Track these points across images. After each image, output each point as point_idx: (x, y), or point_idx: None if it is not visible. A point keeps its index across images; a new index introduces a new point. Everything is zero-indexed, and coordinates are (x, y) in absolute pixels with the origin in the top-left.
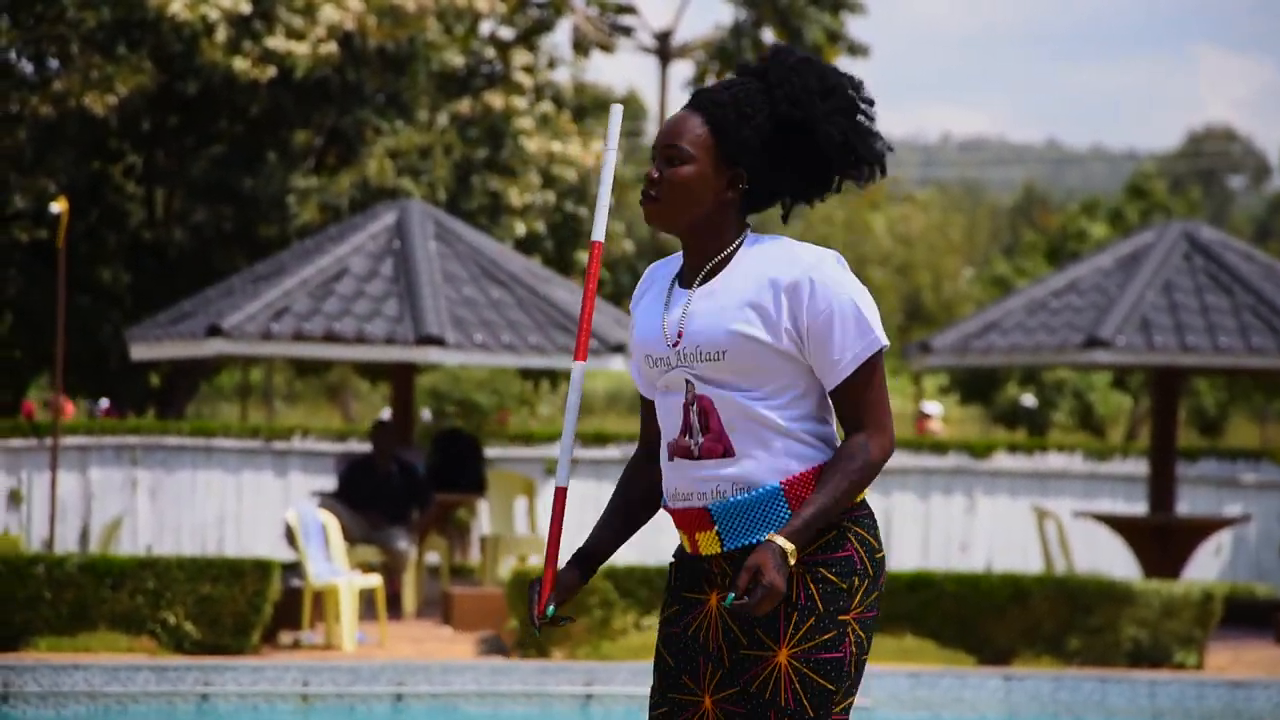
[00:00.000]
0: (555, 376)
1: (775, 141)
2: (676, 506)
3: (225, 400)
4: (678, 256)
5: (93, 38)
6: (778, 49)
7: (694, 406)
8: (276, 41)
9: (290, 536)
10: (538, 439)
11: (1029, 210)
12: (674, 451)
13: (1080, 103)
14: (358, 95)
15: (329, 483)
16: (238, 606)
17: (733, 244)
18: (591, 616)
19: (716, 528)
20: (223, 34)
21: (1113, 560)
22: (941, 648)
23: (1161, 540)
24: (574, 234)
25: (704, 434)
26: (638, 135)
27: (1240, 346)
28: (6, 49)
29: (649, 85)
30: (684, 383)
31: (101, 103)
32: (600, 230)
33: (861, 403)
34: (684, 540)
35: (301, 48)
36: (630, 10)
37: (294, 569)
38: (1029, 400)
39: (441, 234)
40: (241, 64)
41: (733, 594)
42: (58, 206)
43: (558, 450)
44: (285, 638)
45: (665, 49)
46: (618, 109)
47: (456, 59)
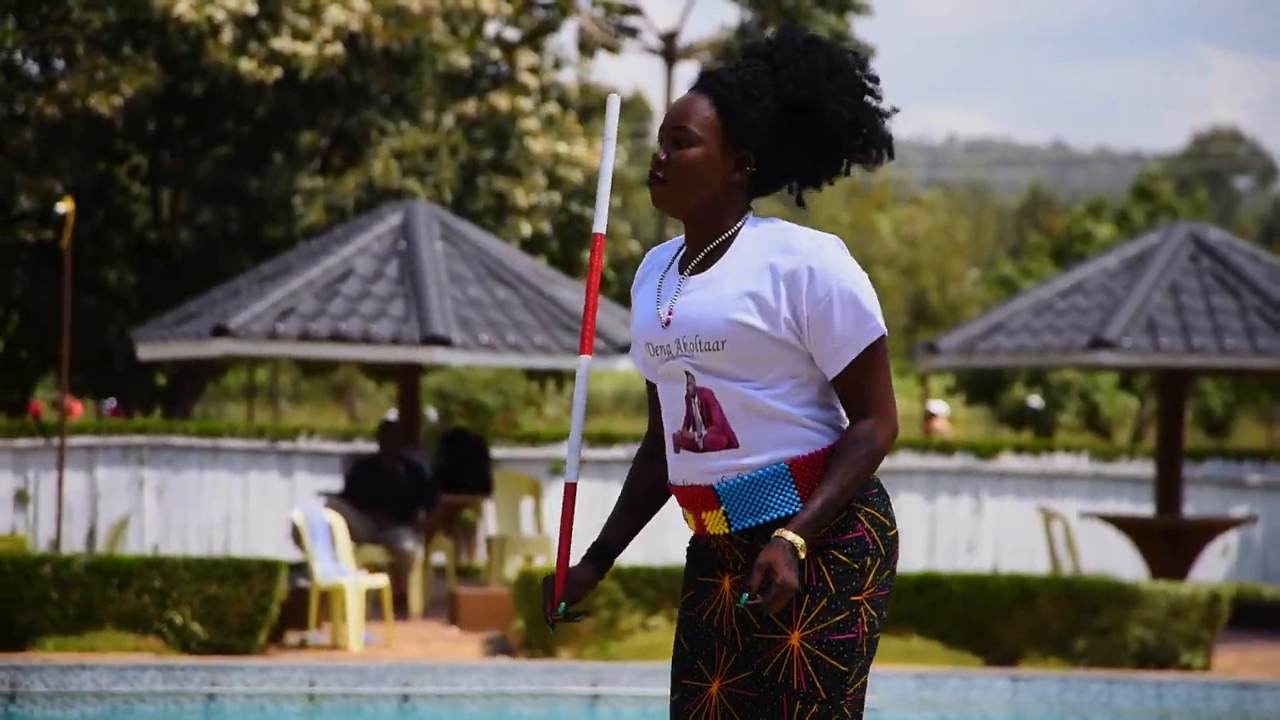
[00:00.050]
0: (561, 377)
1: (783, 123)
2: (682, 487)
3: (231, 400)
4: (678, 241)
5: (98, 39)
6: (784, 30)
7: (695, 399)
8: (282, 42)
9: (296, 537)
10: (544, 439)
11: (1035, 211)
12: (678, 443)
13: (1086, 104)
14: (363, 96)
15: (335, 483)
16: (244, 606)
17: (733, 227)
18: (598, 617)
19: (723, 507)
20: (228, 35)
21: (1119, 561)
22: (948, 649)
23: (1168, 541)
24: (580, 234)
25: (707, 426)
26: (643, 136)
27: (1246, 347)
28: (12, 50)
29: (655, 86)
30: (684, 374)
31: (107, 104)
32: (601, 222)
33: (864, 390)
34: (689, 520)
35: (307, 49)
36: (636, 11)
37: (300, 569)
38: (1035, 401)
39: (447, 234)
40: (247, 65)
41: (746, 594)
42: (63, 207)
43: (564, 451)
44: (292, 638)
45: (671, 50)
46: (615, 99)
47: (462, 60)
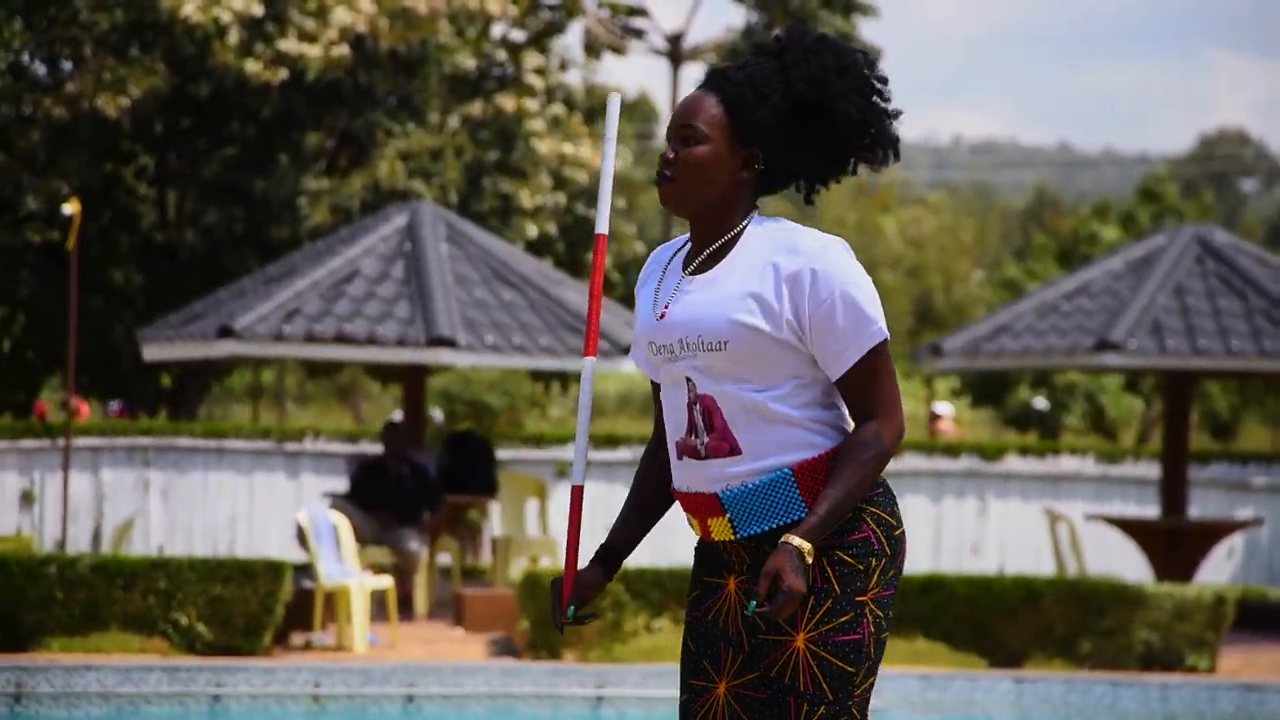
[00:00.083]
0: (566, 378)
1: (791, 121)
2: (687, 493)
3: (237, 401)
4: (682, 239)
5: (105, 40)
6: (794, 29)
7: (696, 406)
8: (288, 44)
9: (302, 537)
10: (549, 440)
11: (1040, 213)
12: (681, 451)
13: (1092, 105)
14: (369, 97)
15: (340, 484)
16: (249, 607)
17: (739, 226)
18: (603, 619)
19: (728, 514)
20: (235, 36)
21: (1125, 563)
22: (953, 650)
23: (1173, 543)
24: (585, 236)
25: (709, 433)
26: (649, 138)
27: (1252, 350)
28: (20, 51)
29: (660, 88)
30: (685, 380)
31: (114, 105)
32: (603, 223)
33: (868, 392)
34: (695, 526)
35: (313, 50)
36: (642, 13)
37: (305, 570)
38: (1040, 403)
39: (453, 236)
40: (253, 66)
41: (754, 602)
42: (70, 208)
43: (570, 452)
44: (297, 639)
45: (677, 51)
46: (615, 98)
47: (468, 61)
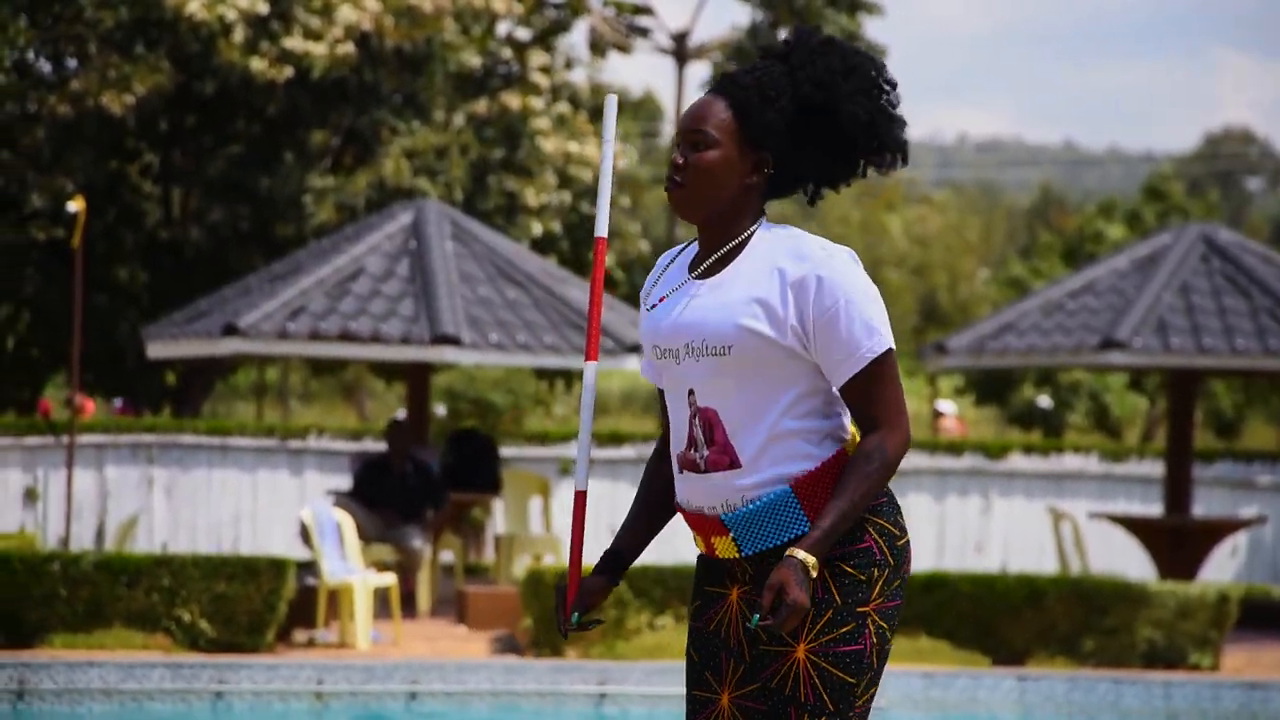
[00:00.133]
0: (570, 376)
1: (799, 124)
2: (690, 511)
3: (241, 399)
4: (690, 244)
5: (110, 37)
6: (800, 31)
7: (697, 419)
8: (294, 42)
9: (305, 535)
10: (553, 438)
11: (1045, 211)
12: (681, 464)
13: (1097, 104)
14: (374, 95)
15: (344, 482)
16: (253, 605)
17: (745, 232)
18: (606, 616)
19: (732, 534)
20: (240, 34)
21: (1128, 561)
22: (956, 648)
23: (1177, 541)
24: (590, 234)
25: (709, 446)
26: (654, 136)
27: (1257, 348)
28: (24, 49)
29: (665, 86)
30: (687, 393)
31: (119, 102)
32: (603, 226)
33: (873, 401)
34: (699, 542)
35: (319, 48)
36: (647, 11)
37: (309, 567)
38: (1045, 401)
39: (458, 234)
40: (259, 64)
41: (757, 615)
42: (75, 206)
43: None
44: (300, 636)
45: (682, 50)
46: (612, 99)
47: (473, 59)
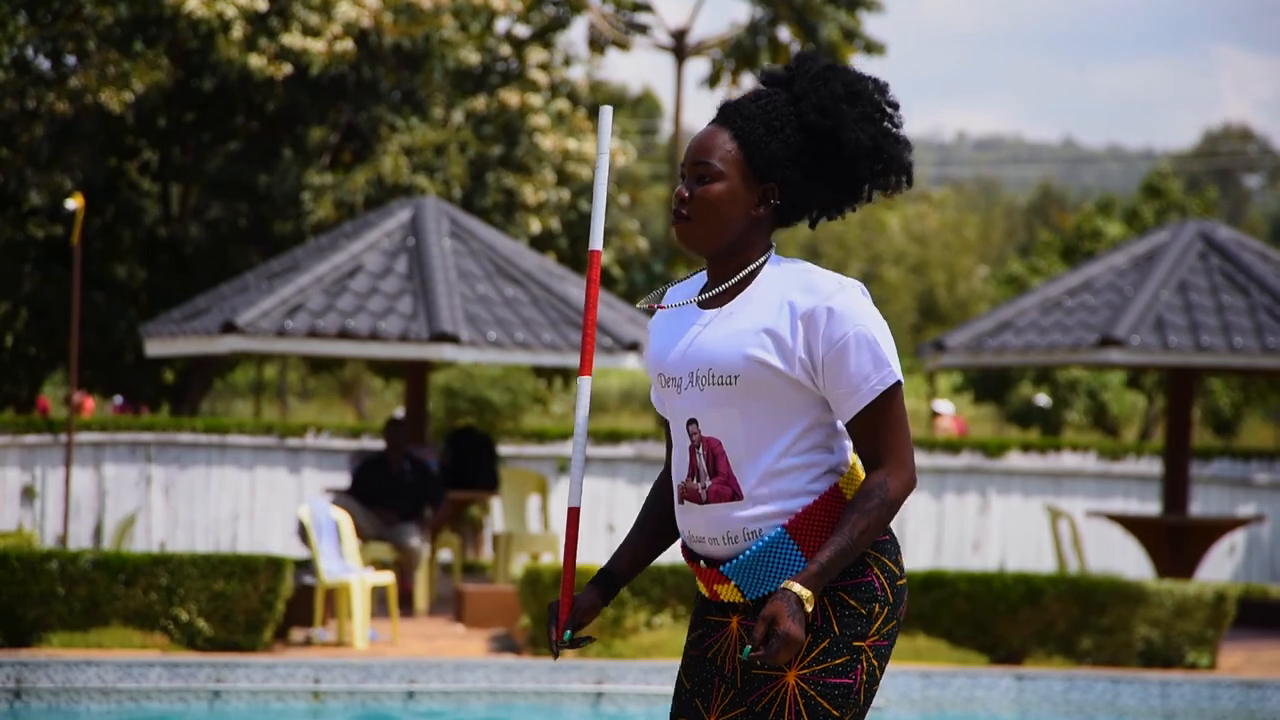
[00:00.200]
0: (568, 374)
1: (804, 152)
2: (694, 550)
3: (239, 397)
4: (698, 278)
5: (109, 34)
6: (801, 57)
7: (700, 449)
8: (293, 38)
9: (303, 533)
10: (551, 436)
11: (1044, 209)
12: (683, 495)
13: (1096, 102)
14: (373, 92)
15: (342, 480)
16: (250, 603)
17: (755, 263)
18: (603, 615)
19: (734, 582)
20: (239, 31)
21: (1126, 560)
22: (954, 647)
23: (1175, 540)
24: (588, 231)
25: (712, 477)
26: (653, 133)
27: (1255, 347)
28: (23, 45)
29: (664, 83)
30: (687, 423)
31: (118, 99)
32: (597, 239)
33: (879, 436)
34: (703, 588)
35: (318, 45)
36: (646, 8)
37: (306, 566)
38: (1043, 400)
39: (456, 231)
40: (258, 61)
41: (749, 646)
42: (73, 203)
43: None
44: (297, 635)
45: (681, 47)
46: (607, 111)
47: (472, 56)
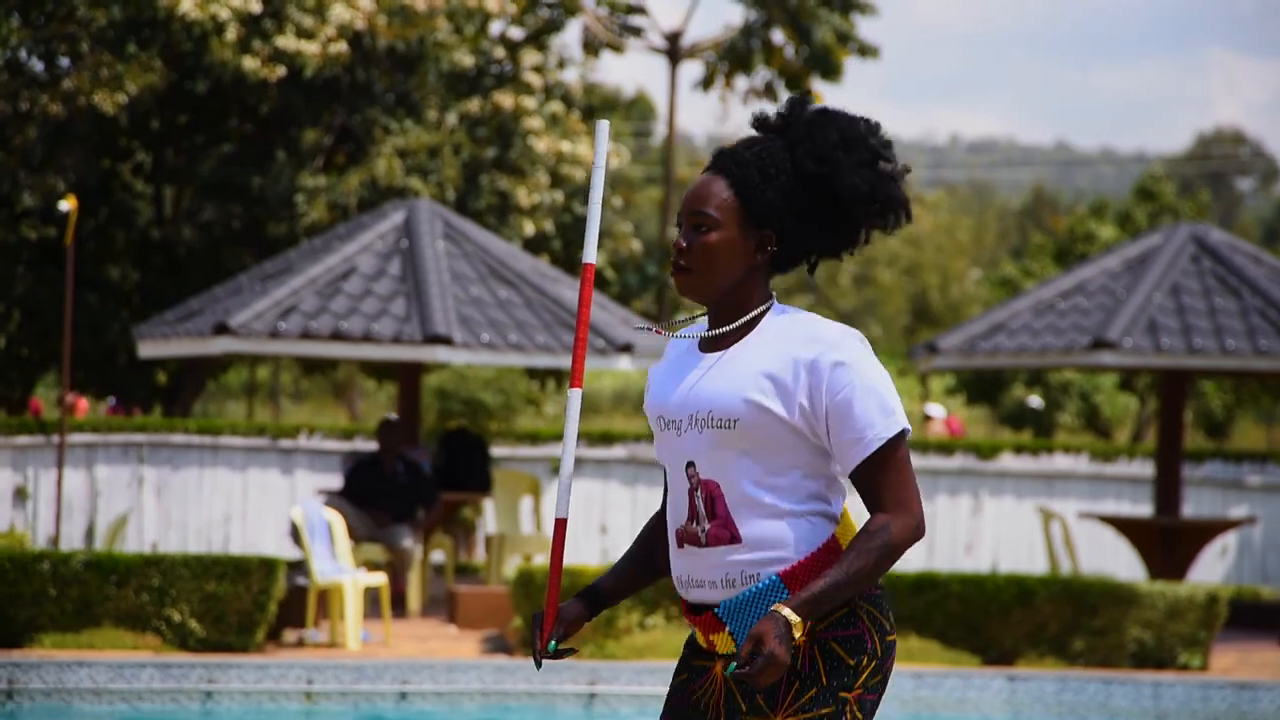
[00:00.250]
0: (561, 376)
1: (801, 198)
2: (690, 599)
3: (232, 398)
4: (700, 325)
5: (103, 36)
6: (793, 102)
7: (699, 492)
8: (286, 41)
9: (295, 534)
10: (543, 438)
11: (1037, 212)
12: (682, 538)
13: (1089, 105)
14: (367, 94)
15: (335, 481)
16: (243, 604)
17: (756, 311)
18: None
19: (729, 628)
20: (233, 33)
21: (1118, 562)
22: (946, 648)
23: (1167, 542)
24: (582, 234)
25: (710, 520)
26: (646, 136)
27: (1248, 349)
28: (17, 47)
29: (658, 85)
30: (686, 465)
31: (111, 101)
32: (590, 252)
33: (884, 484)
34: (700, 638)
35: (311, 47)
36: (640, 11)
37: (299, 567)
38: (1035, 401)
39: (450, 233)
40: (251, 63)
41: (734, 663)
42: (66, 204)
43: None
44: (290, 636)
45: (675, 49)
46: (604, 125)
47: (466, 59)
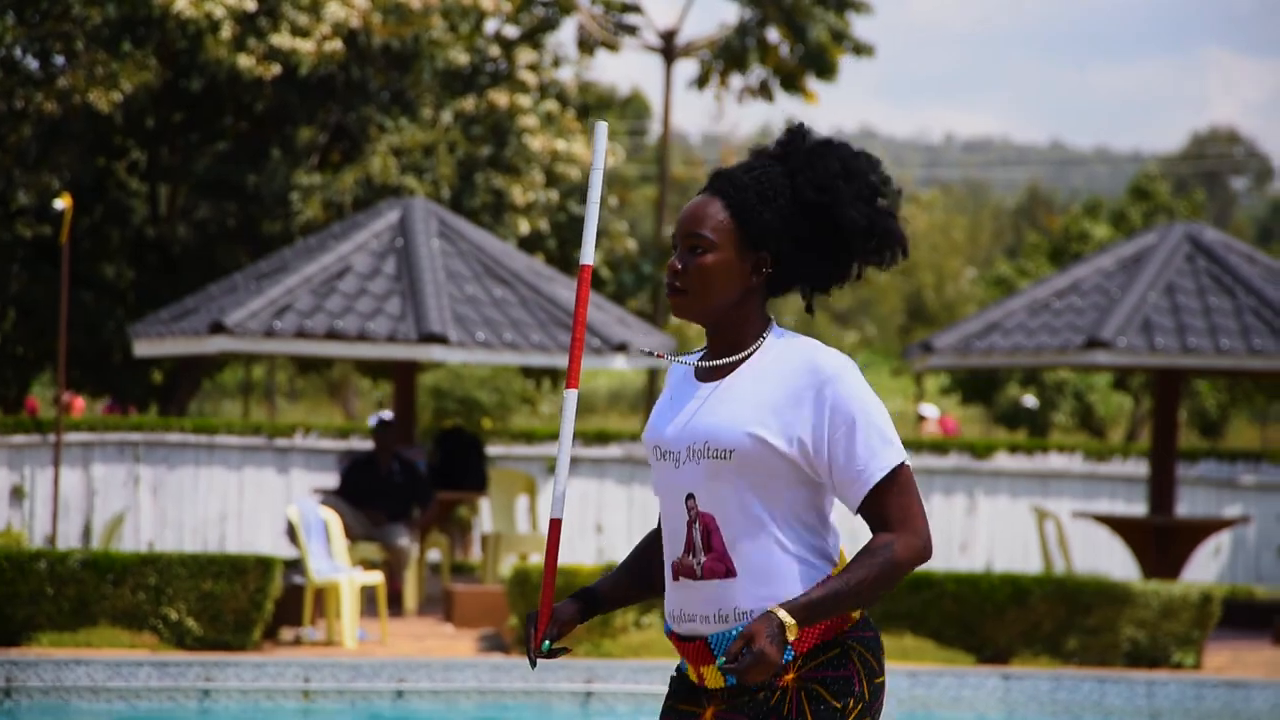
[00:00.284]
0: (557, 375)
1: (798, 224)
2: (681, 632)
3: (228, 397)
4: (699, 352)
5: (98, 34)
6: (794, 133)
7: (695, 524)
8: (281, 39)
9: (292, 533)
10: (539, 437)
11: (1032, 211)
12: (678, 571)
13: (1085, 104)
14: (362, 92)
15: (331, 480)
16: (239, 603)
17: (756, 338)
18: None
19: (718, 661)
20: (228, 31)
21: (1112, 561)
22: (940, 647)
23: (1161, 541)
24: (577, 233)
25: (706, 553)
26: (641, 134)
27: (1242, 348)
28: (11, 45)
29: (653, 84)
30: (685, 498)
31: (106, 99)
32: (588, 254)
33: (889, 512)
34: (690, 672)
35: (306, 45)
36: (635, 9)
37: (295, 566)
38: (1030, 401)
39: (445, 232)
40: (246, 61)
41: (723, 657)
42: (61, 203)
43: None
44: (287, 634)
45: (670, 48)
46: (602, 126)
47: (461, 57)
